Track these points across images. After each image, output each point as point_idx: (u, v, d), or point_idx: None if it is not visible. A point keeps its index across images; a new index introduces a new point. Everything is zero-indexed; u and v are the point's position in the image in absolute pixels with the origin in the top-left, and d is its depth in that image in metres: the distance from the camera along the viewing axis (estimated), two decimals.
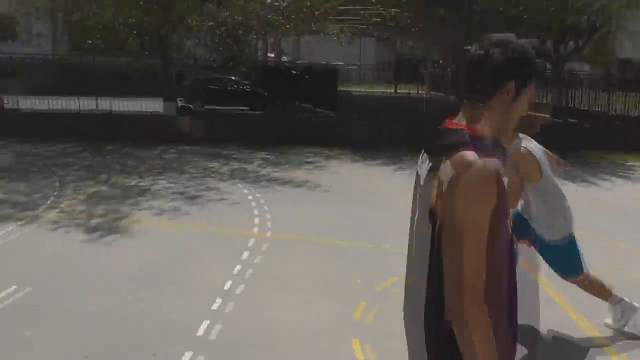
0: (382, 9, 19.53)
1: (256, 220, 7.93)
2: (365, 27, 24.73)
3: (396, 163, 13.30)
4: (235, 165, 12.63)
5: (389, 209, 8.42)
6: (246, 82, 24.38)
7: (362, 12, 21.17)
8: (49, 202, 8.81)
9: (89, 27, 17.49)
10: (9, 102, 17.54)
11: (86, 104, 17.46)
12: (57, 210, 8.31)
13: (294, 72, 19.50)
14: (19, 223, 7.60)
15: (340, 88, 20.04)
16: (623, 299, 4.56)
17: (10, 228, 7.35)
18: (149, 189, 9.86)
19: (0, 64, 18.27)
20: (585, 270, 4.43)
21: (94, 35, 17.67)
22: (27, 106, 17.58)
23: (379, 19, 20.47)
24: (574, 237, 4.37)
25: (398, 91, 18.45)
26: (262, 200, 9.15)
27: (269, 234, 7.33)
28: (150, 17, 16.80)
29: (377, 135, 16.10)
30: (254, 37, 19.79)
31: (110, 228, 7.44)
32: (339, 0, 17.76)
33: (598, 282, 4.53)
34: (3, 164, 12.23)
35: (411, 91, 23.95)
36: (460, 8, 17.49)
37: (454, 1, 17.45)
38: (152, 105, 17.61)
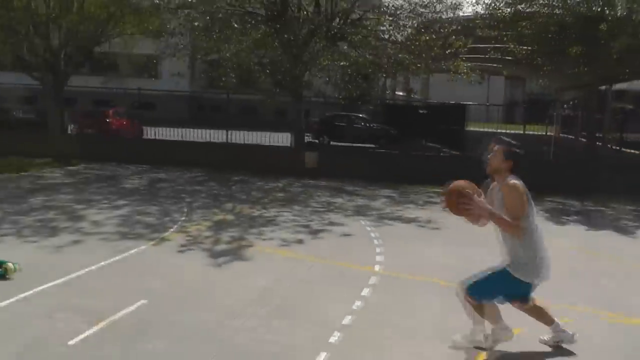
0: (514, 46, 18.96)
1: (378, 258, 7.66)
2: (495, 65, 24.13)
3: None
4: (359, 201, 12.49)
5: None
6: (369, 119, 24.50)
7: (493, 50, 20.66)
8: (177, 226, 9.09)
9: (224, 66, 18.38)
10: (149, 132, 18.74)
11: (217, 136, 18.23)
12: (184, 234, 8.54)
13: (421, 110, 19.29)
14: (151, 243, 7.88)
15: (468, 128, 19.50)
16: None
17: (142, 247, 7.63)
18: (273, 220, 9.92)
19: (144, 99, 19.60)
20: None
21: (228, 74, 18.52)
22: (163, 136, 18.65)
23: (510, 57, 19.86)
24: (529, 288, 4.50)
25: (527, 132, 17.74)
26: (384, 238, 8.88)
27: (390, 272, 7.03)
28: (284, 57, 17.35)
29: None
30: (384, 75, 19.84)
31: (234, 254, 7.50)
32: (471, 38, 17.45)
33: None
34: (139, 188, 12.95)
35: (540, 131, 22.94)
36: (597, 47, 16.60)
37: (591, 39, 16.59)
38: (280, 140, 18.02)
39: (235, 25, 16.75)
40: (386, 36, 18.32)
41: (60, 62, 18.32)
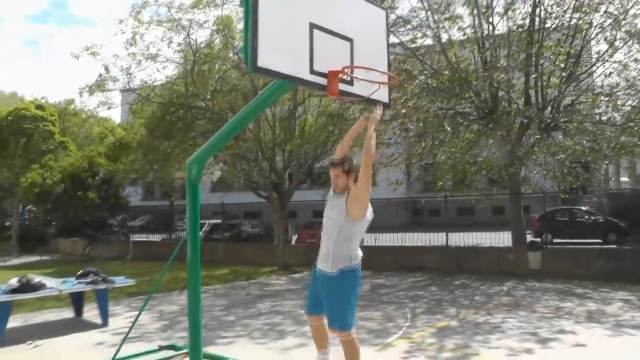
0: None
1: None
2: None
3: None
4: (591, 305, 11.45)
5: None
6: (594, 212, 22.80)
7: None
8: (401, 332, 9.13)
9: (440, 169, 18.64)
10: (369, 238, 19.41)
11: (436, 239, 18.28)
12: (408, 340, 8.54)
13: None
14: (374, 349, 8.00)
15: None
16: None
17: (366, 352, 7.76)
18: (499, 327, 9.50)
19: None
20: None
21: (444, 176, 18.71)
22: (383, 242, 19.21)
23: None
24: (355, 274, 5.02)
25: None
26: (629, 349, 8.01)
27: None
28: (498, 154, 17.15)
29: None
30: (605, 162, 18.48)
31: None
32: None
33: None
34: (361, 294, 13.27)
35: None
36: None
37: None
38: (500, 239, 17.51)
39: (448, 128, 17.02)
40: (604, 118, 17.11)
41: (285, 181, 20.00)
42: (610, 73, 16.71)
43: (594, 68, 17.26)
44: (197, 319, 6.20)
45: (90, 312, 10.88)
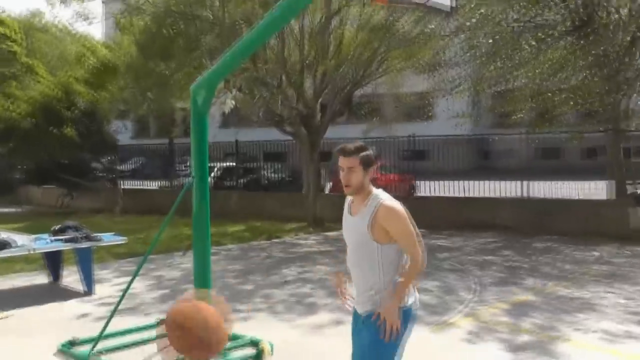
0: None
1: None
2: None
3: None
4: None
5: None
6: None
7: None
8: (464, 307, 9.14)
9: (517, 98, 18.37)
10: (423, 187, 19.34)
11: (511, 188, 18.13)
12: (474, 318, 8.55)
13: None
14: (429, 328, 8.04)
15: None
16: None
17: (420, 333, 7.75)
18: (593, 304, 9.44)
19: (416, 148, 20.34)
20: None
21: (523, 107, 18.44)
22: (442, 192, 19.11)
23: None
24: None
25: None
26: None
27: None
28: (595, 79, 16.79)
29: None
30: None
31: (541, 350, 7.25)
32: None
33: None
34: None
35: None
36: None
37: None
38: (594, 190, 17.31)
39: (526, 46, 16.70)
40: None
41: (316, 113, 19.92)
42: None
43: None
44: (205, 287, 6.24)
45: (70, 277, 11.11)
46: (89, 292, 10.19)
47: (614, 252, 13.90)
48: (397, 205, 4.34)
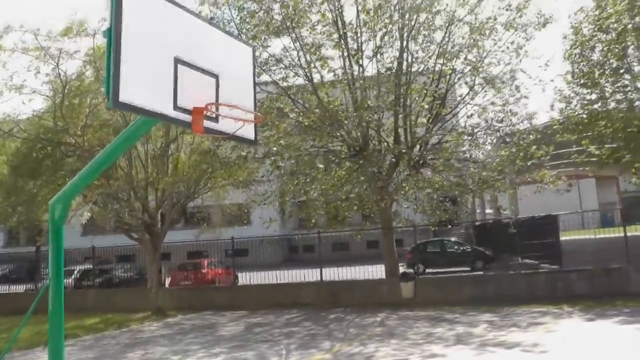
0: (596, 147, 18.41)
1: None
2: (582, 168, 23.47)
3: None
4: (460, 329, 12.11)
5: None
6: (462, 242, 24.35)
7: (576, 154, 20.11)
8: None
9: (313, 206, 19.08)
10: (244, 278, 19.35)
11: (311, 274, 18.59)
12: None
13: (512, 227, 18.92)
14: None
15: (563, 237, 18.68)
16: None
17: None
18: (372, 356, 9.80)
19: (237, 247, 20.42)
20: None
21: (318, 212, 19.15)
22: (258, 281, 19.24)
23: (595, 159, 19.18)
24: None
25: (629, 234, 16.73)
26: None
27: None
28: (370, 190, 17.81)
29: (607, 285, 15.12)
30: (471, 196, 19.86)
31: None
32: (551, 145, 17.29)
33: None
34: (236, 334, 13.24)
35: None
36: None
37: None
38: (374, 272, 18.11)
39: (320, 166, 17.50)
40: (467, 155, 18.61)
41: (157, 222, 19.52)
42: (472, 114, 18.28)
43: (458, 109, 18.64)
44: None
45: None
46: None
47: (388, 317, 14.46)
48: None
